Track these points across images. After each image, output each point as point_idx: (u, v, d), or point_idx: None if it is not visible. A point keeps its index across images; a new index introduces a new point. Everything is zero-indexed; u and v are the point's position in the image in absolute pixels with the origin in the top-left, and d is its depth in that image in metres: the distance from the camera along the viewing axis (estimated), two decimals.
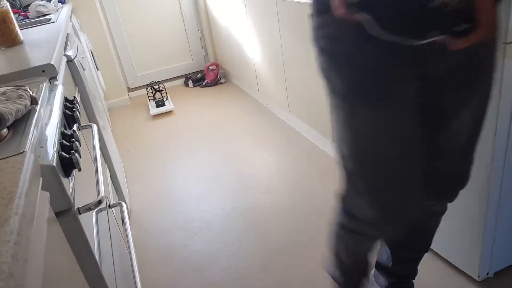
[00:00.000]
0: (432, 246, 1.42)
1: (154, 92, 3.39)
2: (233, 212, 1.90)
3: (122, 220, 1.62)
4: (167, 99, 3.33)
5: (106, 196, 1.29)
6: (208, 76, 3.65)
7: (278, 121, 2.77)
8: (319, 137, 2.32)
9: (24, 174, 0.51)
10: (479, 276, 1.28)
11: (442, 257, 1.41)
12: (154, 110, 3.19)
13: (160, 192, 2.16)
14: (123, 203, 1.26)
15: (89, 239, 0.77)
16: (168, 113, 3.21)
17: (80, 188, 0.83)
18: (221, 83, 3.68)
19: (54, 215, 0.63)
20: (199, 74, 3.75)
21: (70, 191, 0.70)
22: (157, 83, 3.41)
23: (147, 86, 3.43)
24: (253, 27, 2.69)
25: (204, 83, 3.65)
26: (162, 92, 3.37)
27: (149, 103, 3.34)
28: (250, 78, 3.05)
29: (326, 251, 1.19)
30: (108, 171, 1.75)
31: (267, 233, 1.72)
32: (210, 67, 3.68)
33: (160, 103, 3.25)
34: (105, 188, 1.40)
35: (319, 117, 2.15)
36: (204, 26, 3.70)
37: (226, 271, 1.55)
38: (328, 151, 2.26)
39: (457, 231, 1.28)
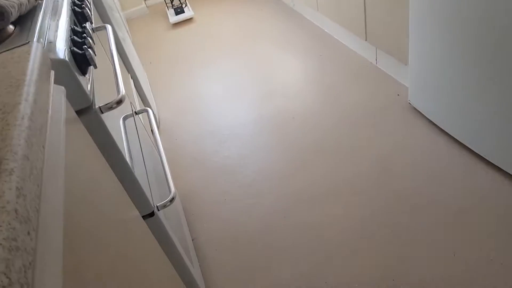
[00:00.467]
0: (468, 143, 1.36)
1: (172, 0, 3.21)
2: (261, 119, 1.87)
3: (152, 130, 1.64)
4: (186, 5, 3.15)
5: (132, 102, 1.27)
6: None
7: (305, 23, 2.59)
8: (350, 37, 2.15)
9: (32, 63, 0.48)
10: None
11: (478, 154, 1.35)
12: (173, 18, 3.04)
13: (186, 102, 2.15)
14: (149, 109, 1.25)
15: (117, 142, 0.76)
16: (188, 20, 3.06)
17: (100, 89, 0.80)
18: None
19: (74, 112, 0.61)
20: None
21: (89, 89, 0.66)
22: None
23: None
24: None
25: None
26: None
27: (167, 11, 3.17)
28: None
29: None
30: (131, 81, 1.72)
31: (296, 138, 1.70)
32: None
33: (179, 11, 3.08)
34: (130, 96, 1.38)
35: (350, 15, 1.97)
36: None
37: (256, 173, 1.57)
38: (360, 52, 2.11)
39: (497, 125, 1.20)
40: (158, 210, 0.95)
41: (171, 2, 3.20)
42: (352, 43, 2.17)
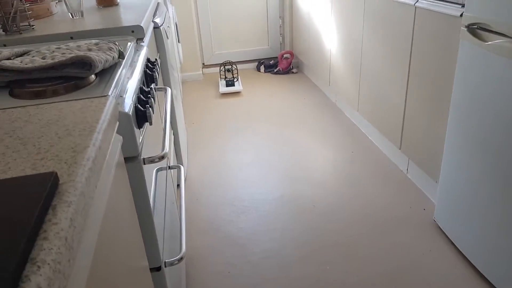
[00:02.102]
0: (489, 277, 1.32)
1: (226, 71, 3.48)
2: (282, 199, 1.91)
3: (178, 186, 1.70)
4: (237, 80, 3.40)
5: (168, 157, 1.36)
6: (281, 63, 3.66)
7: (344, 119, 2.71)
8: (385, 142, 2.23)
9: (105, 114, 0.56)
10: None
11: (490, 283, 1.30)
12: (223, 88, 3.27)
13: (215, 167, 2.23)
14: (182, 167, 1.33)
15: (147, 190, 0.82)
16: (236, 93, 3.28)
17: (147, 141, 0.88)
18: (293, 72, 3.67)
19: (123, 158, 0.68)
20: (272, 61, 3.76)
21: (140, 141, 0.75)
22: (230, 63, 3.48)
23: (220, 65, 3.53)
24: (335, 20, 2.63)
25: (275, 70, 3.67)
26: (233, 72, 3.44)
27: (219, 81, 3.43)
28: (323, 71, 3.00)
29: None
30: (172, 136, 1.84)
31: (311, 227, 1.71)
32: (284, 55, 3.68)
33: (230, 83, 3.32)
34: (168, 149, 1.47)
35: (389, 123, 2.07)
36: (285, 14, 3.70)
37: (265, 253, 1.57)
38: (393, 158, 2.17)
39: None
40: (165, 266, 0.97)
41: (225, 75, 3.47)
42: (385, 148, 2.23)
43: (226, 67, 3.49)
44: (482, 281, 1.36)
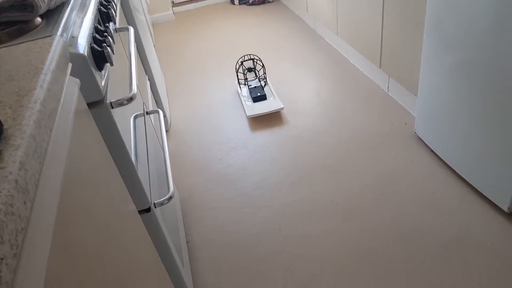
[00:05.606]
0: (466, 176, 1.38)
1: (245, 72, 2.22)
2: (270, 132, 1.90)
3: (167, 131, 1.68)
4: (266, 83, 2.18)
5: (144, 103, 1.32)
6: None
7: (324, 45, 2.64)
8: (366, 63, 2.19)
9: (51, 54, 0.52)
10: (508, 208, 1.26)
11: (475, 188, 1.36)
12: (251, 112, 2.01)
13: (199, 109, 2.20)
14: (160, 111, 1.29)
15: (125, 139, 0.80)
16: (213, 31, 3.14)
17: (115, 85, 0.84)
18: (269, 1, 3.50)
19: (85, 103, 0.65)
20: None
21: (102, 84, 0.71)
22: (252, 59, 2.18)
23: (239, 63, 2.26)
24: None
25: (250, 1, 3.49)
26: (257, 71, 2.24)
27: (239, 91, 2.23)
28: None
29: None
30: (148, 82, 1.78)
31: (300, 154, 1.73)
32: None
33: (258, 96, 2.07)
34: (144, 96, 1.43)
35: (368, 42, 2.01)
36: None
37: (257, 184, 1.60)
38: (374, 78, 2.14)
39: (495, 162, 1.22)
40: (155, 207, 0.98)
41: (244, 76, 2.22)
42: (366, 69, 2.20)
43: (247, 65, 2.18)
44: (461, 182, 1.42)
